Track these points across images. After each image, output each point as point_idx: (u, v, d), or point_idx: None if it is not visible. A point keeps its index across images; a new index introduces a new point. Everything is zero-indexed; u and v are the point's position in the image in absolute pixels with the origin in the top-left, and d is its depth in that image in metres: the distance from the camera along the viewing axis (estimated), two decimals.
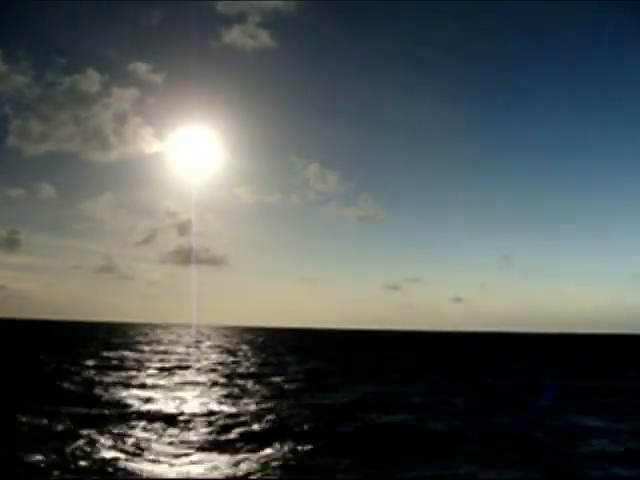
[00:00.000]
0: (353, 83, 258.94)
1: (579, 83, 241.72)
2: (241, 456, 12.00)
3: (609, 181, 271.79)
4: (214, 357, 43.43)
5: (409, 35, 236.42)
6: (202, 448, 12.76)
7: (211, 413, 16.87)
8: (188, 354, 46.78)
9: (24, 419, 14.37)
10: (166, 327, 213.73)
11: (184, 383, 25.14)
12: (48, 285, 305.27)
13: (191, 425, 15.24)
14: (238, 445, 13.05)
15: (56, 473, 10.15)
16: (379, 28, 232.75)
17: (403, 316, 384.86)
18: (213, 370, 32.27)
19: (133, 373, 28.85)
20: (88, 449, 11.73)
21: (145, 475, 10.48)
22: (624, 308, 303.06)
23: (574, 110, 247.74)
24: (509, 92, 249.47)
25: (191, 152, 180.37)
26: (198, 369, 32.78)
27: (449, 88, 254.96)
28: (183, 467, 11.16)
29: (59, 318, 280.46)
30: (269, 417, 16.07)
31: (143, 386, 23.35)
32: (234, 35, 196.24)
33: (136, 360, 37.57)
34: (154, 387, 23.25)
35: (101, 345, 55.60)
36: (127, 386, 23.01)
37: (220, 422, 15.51)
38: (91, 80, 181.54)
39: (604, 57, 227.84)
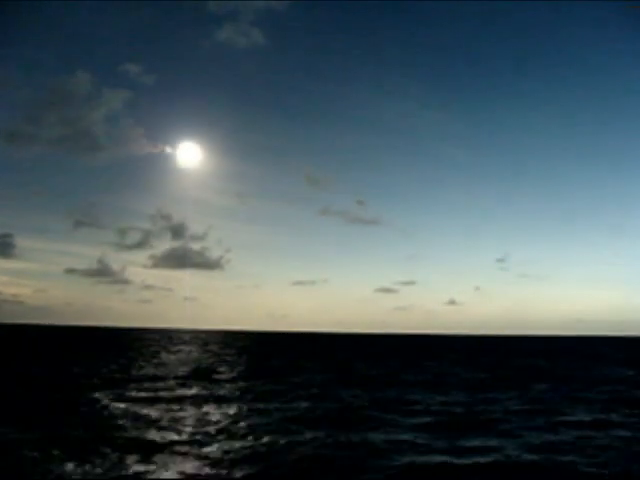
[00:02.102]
0: (347, 84, 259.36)
1: (576, 86, 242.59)
2: None
3: (605, 182, 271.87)
4: None
5: (404, 38, 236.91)
6: None
7: None
8: None
9: None
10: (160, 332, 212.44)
11: None
12: (41, 290, 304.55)
13: None
14: None
15: None
16: (374, 30, 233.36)
17: (397, 319, 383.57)
18: None
19: None
20: None
21: None
22: (624, 310, 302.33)
23: (570, 112, 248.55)
24: (505, 96, 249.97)
25: (184, 154, 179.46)
26: None
27: (444, 92, 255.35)
28: None
29: (53, 323, 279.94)
30: None
31: None
32: (226, 34, 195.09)
33: None
34: None
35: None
36: None
37: None
38: (81, 81, 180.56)
39: (600, 60, 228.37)
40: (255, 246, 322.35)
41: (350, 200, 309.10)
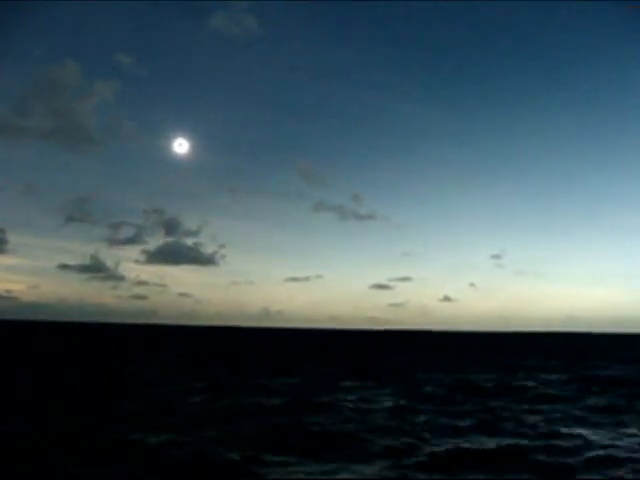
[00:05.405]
0: (343, 79, 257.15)
1: (573, 84, 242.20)
2: None
3: (602, 179, 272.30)
4: None
5: (402, 35, 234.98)
6: None
7: None
8: None
9: None
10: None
11: None
12: (35, 286, 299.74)
13: None
14: None
15: None
16: (371, 25, 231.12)
17: (392, 315, 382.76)
18: None
19: None
20: None
21: None
22: (620, 307, 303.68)
23: (567, 110, 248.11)
24: (502, 94, 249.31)
25: (177, 148, 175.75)
26: None
27: (441, 90, 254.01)
28: None
29: (46, 319, 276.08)
30: None
31: None
32: (219, 22, 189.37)
33: None
34: None
35: None
36: None
37: None
38: (70, 71, 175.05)
39: (598, 58, 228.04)
40: (249, 242, 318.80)
41: (344, 196, 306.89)
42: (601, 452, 13.38)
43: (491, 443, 14.05)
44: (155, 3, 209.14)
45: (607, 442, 14.57)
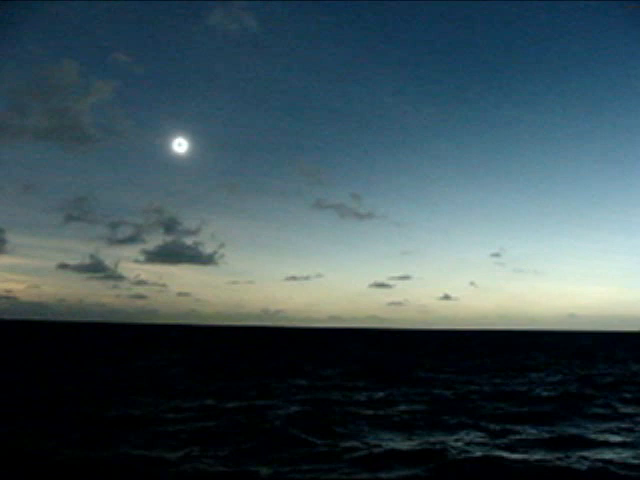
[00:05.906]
0: (342, 78, 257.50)
1: (573, 83, 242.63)
2: None
3: (601, 178, 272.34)
4: None
5: (401, 34, 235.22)
6: None
7: None
8: None
9: None
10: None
11: None
12: (34, 285, 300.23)
13: None
14: None
15: None
16: (370, 25, 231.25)
17: (392, 314, 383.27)
18: None
19: None
20: None
21: None
22: (619, 306, 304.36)
23: (566, 109, 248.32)
24: (500, 93, 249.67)
25: (175, 147, 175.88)
26: None
27: (439, 89, 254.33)
28: None
29: (46, 319, 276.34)
30: None
31: None
32: (217, 19, 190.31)
33: None
34: None
35: None
36: None
37: None
38: (68, 70, 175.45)
39: (597, 56, 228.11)
40: (249, 241, 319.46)
41: (344, 194, 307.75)
42: (601, 460, 13.29)
43: (495, 448, 13.99)
44: (154, 2, 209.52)
45: (607, 444, 14.52)
